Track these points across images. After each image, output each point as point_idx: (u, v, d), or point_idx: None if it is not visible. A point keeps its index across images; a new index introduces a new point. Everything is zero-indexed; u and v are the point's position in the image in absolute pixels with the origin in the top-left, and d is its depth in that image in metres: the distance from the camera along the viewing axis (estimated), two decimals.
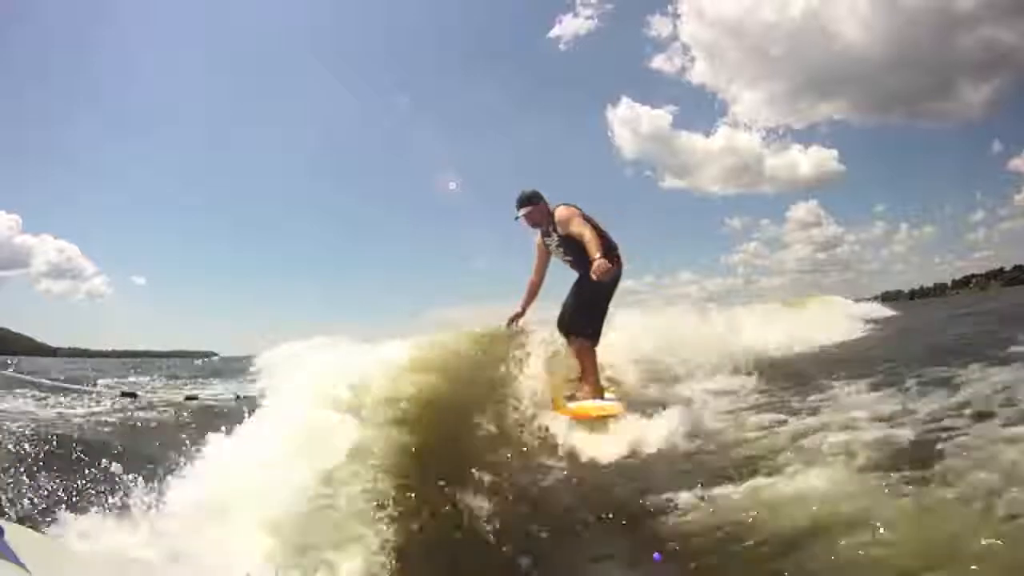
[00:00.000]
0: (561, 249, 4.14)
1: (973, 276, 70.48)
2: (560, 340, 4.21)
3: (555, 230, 4.10)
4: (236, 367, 12.96)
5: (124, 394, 3.50)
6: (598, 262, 3.55)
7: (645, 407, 3.79)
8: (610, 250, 3.93)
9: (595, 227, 3.96)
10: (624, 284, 4.24)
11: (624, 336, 5.14)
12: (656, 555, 1.93)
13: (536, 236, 4.31)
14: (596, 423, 3.60)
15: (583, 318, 4.04)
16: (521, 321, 4.36)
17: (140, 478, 2.58)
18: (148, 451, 3.78)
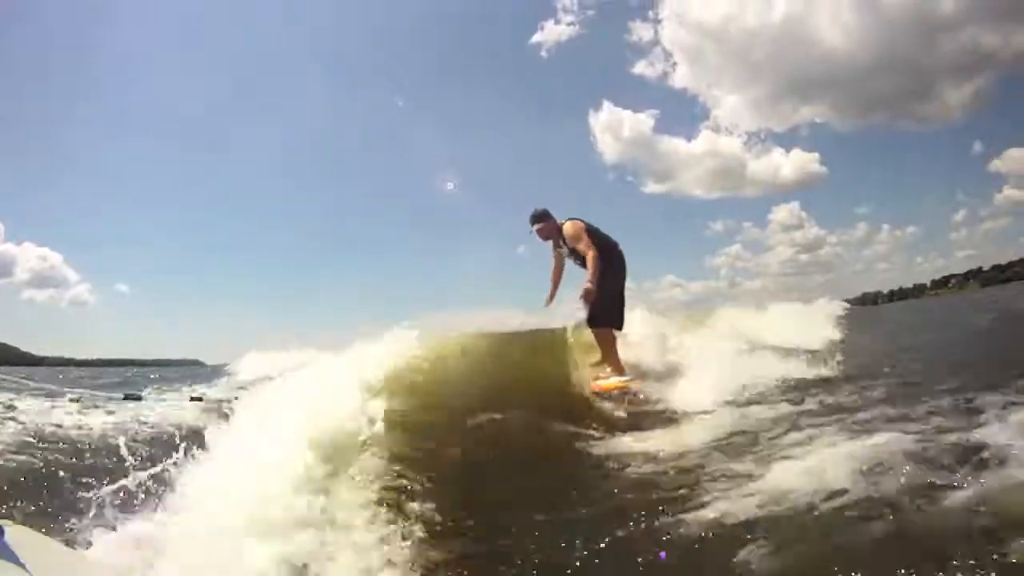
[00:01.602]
0: (572, 257, 4.85)
1: (952, 276, 71.86)
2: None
3: (565, 243, 4.79)
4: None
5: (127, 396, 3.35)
6: (584, 289, 4.31)
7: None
8: (610, 251, 4.64)
9: (597, 238, 4.64)
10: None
11: None
12: (662, 554, 1.92)
13: (549, 244, 5.06)
14: (616, 396, 4.20)
15: (606, 309, 4.60)
16: (552, 303, 5.13)
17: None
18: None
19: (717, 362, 5.18)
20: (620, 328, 4.72)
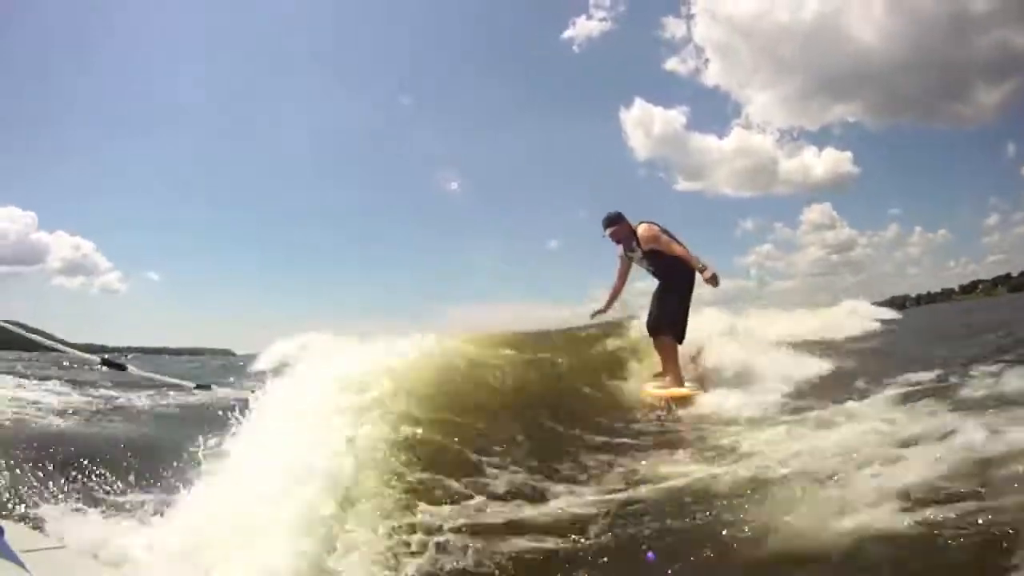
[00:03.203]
0: (645, 261, 4.76)
1: (980, 282, 70.18)
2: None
3: (639, 245, 4.72)
4: None
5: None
6: (712, 273, 4.36)
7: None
8: (687, 259, 4.55)
9: (674, 241, 4.61)
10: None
11: None
12: (650, 554, 1.89)
13: (619, 249, 4.93)
14: (668, 405, 4.21)
15: (670, 321, 4.65)
16: (601, 316, 5.11)
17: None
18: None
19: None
20: (681, 342, 4.66)
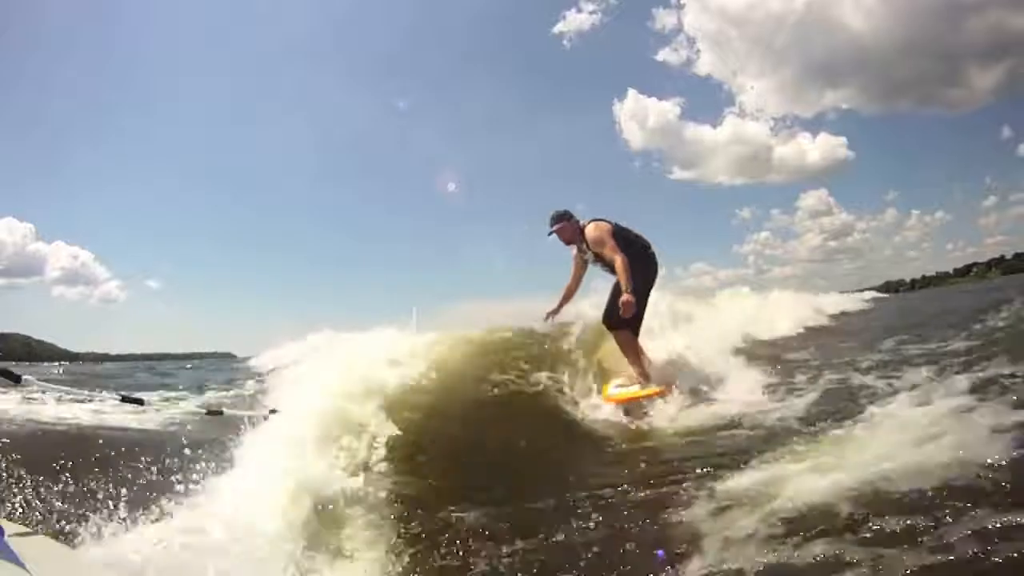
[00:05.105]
0: (598, 263, 4.46)
1: (974, 264, 70.43)
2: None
3: (588, 247, 4.42)
4: None
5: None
6: (625, 300, 3.92)
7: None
8: (641, 254, 4.30)
9: (626, 239, 4.29)
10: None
11: None
12: (659, 552, 1.92)
13: (572, 248, 4.63)
14: (637, 405, 4.00)
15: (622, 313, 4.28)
16: (556, 318, 4.82)
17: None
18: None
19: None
20: (636, 334, 4.39)
